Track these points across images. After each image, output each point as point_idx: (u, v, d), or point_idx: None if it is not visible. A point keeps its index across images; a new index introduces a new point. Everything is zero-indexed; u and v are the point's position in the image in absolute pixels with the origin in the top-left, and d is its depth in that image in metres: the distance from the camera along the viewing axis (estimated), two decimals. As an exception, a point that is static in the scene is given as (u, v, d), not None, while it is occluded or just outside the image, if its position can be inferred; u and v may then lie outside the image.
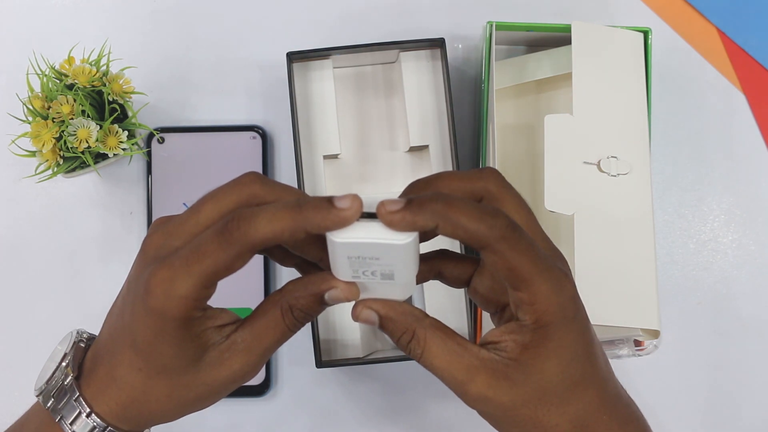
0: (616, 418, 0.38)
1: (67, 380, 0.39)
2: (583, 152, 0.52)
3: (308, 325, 0.56)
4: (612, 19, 0.63)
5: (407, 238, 0.34)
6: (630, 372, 0.61)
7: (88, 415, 0.38)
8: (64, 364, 0.39)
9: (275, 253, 0.41)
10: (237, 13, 0.63)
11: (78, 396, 0.38)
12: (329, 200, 0.34)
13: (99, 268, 0.62)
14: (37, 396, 0.40)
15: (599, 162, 0.52)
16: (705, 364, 0.61)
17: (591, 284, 0.50)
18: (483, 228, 0.35)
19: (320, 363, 0.56)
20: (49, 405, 0.39)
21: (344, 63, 0.59)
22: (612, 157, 0.52)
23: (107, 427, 0.38)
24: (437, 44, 0.57)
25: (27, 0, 0.64)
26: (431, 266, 0.41)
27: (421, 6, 0.63)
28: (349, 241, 0.34)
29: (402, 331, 0.38)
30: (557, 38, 0.58)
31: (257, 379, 0.60)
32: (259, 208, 0.35)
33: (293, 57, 0.57)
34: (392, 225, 0.34)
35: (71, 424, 0.38)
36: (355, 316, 0.38)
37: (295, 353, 0.61)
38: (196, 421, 0.61)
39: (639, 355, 0.52)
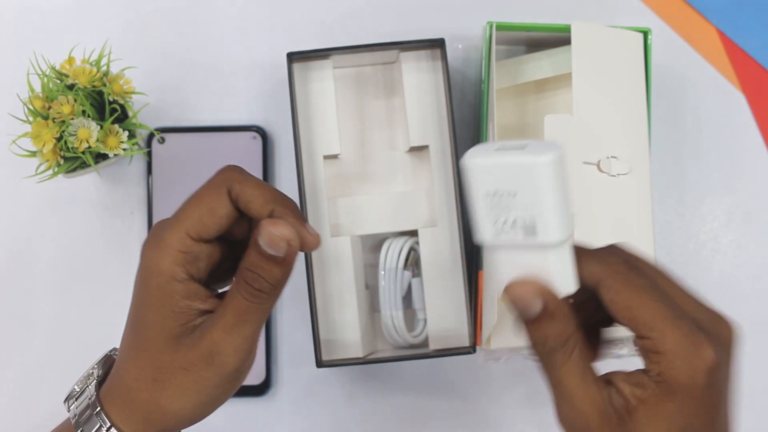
0: None
1: (90, 382, 0.40)
2: (582, 152, 0.52)
3: (309, 326, 0.56)
4: (612, 19, 0.63)
5: (550, 154, 0.29)
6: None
7: (97, 415, 0.38)
8: (91, 371, 0.40)
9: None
10: (237, 14, 0.63)
11: (93, 396, 0.39)
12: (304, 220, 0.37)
13: (99, 267, 0.62)
14: (64, 401, 0.40)
15: (599, 162, 0.52)
16: (705, 364, 0.61)
17: None
18: (594, 262, 0.33)
19: (320, 363, 0.56)
20: (71, 409, 0.39)
21: (344, 63, 0.59)
22: (612, 157, 0.52)
23: (111, 427, 0.38)
24: (437, 44, 0.57)
25: (27, 0, 0.64)
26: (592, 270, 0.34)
27: (421, 6, 0.63)
28: (485, 161, 0.31)
29: (559, 334, 0.34)
30: (557, 38, 0.58)
31: (257, 379, 0.60)
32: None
33: (293, 57, 0.57)
34: None
35: (84, 426, 0.38)
36: (514, 291, 0.34)
37: (295, 353, 0.61)
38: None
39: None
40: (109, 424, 0.38)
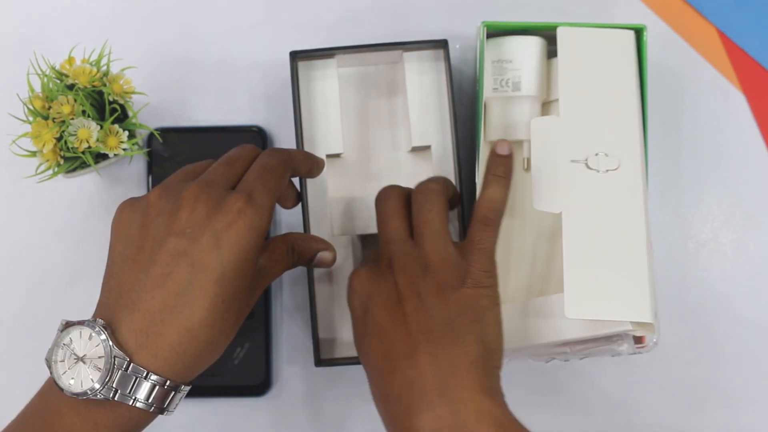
0: None
1: (127, 366, 0.41)
2: (570, 152, 0.52)
3: (308, 324, 0.56)
4: (611, 19, 0.63)
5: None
6: (630, 370, 0.61)
7: (144, 375, 0.41)
8: (114, 355, 0.41)
9: None
10: (238, 13, 0.63)
11: (146, 373, 0.41)
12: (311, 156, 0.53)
13: (99, 268, 0.62)
14: (94, 394, 0.41)
15: (587, 159, 0.52)
16: (705, 363, 0.61)
17: (581, 279, 0.50)
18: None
19: (319, 362, 0.56)
20: (114, 396, 0.41)
21: (348, 63, 0.59)
22: (600, 154, 0.52)
23: (166, 381, 0.41)
24: (440, 45, 0.58)
25: (27, 0, 0.64)
26: None
27: (421, 5, 0.63)
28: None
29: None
30: (554, 37, 0.58)
31: (257, 379, 0.60)
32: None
33: (297, 56, 0.57)
34: None
35: (134, 397, 0.41)
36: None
37: (294, 353, 0.61)
38: (196, 421, 0.61)
39: (639, 352, 0.51)
40: (164, 379, 0.41)
